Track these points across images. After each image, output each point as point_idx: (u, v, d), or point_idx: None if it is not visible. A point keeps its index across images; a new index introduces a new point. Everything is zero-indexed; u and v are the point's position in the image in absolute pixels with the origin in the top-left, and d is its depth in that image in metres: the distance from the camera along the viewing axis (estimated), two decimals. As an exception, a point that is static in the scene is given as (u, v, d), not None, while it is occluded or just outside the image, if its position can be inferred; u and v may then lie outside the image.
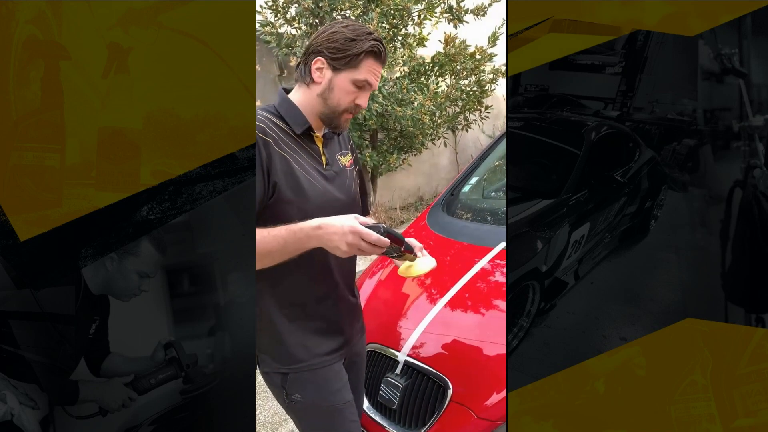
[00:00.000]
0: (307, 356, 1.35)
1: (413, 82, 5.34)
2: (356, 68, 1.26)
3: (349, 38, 1.24)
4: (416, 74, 5.44)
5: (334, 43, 1.25)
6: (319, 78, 1.28)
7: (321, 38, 1.27)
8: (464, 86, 5.66)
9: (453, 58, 5.46)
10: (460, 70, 5.58)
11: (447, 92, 5.42)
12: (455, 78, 5.62)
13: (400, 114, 5.02)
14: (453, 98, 5.51)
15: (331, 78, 1.27)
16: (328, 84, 1.28)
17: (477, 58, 5.54)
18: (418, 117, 5.07)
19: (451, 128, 6.21)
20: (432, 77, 5.57)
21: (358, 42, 1.25)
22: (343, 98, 1.28)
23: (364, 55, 1.25)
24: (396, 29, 5.18)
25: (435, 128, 5.64)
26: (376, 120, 5.12)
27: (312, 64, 1.27)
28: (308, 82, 1.29)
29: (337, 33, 1.25)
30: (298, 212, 1.24)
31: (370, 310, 2.00)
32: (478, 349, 1.64)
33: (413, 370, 1.65)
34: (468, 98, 5.69)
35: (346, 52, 1.24)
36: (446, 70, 5.54)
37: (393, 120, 5.12)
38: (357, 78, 1.27)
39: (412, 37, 5.42)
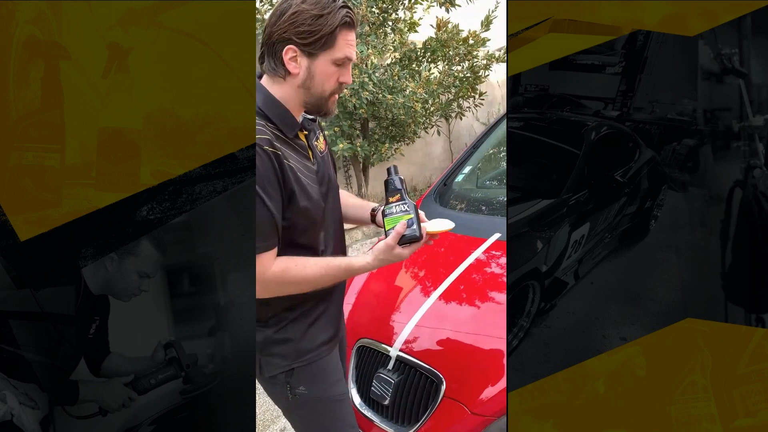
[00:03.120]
0: (311, 347, 1.35)
1: (404, 68, 5.20)
2: (333, 47, 1.15)
3: (315, 15, 1.11)
4: (408, 61, 5.30)
5: (301, 26, 1.11)
6: (295, 68, 1.16)
7: (284, 23, 1.12)
8: (457, 72, 5.52)
9: (445, 43, 5.31)
10: (453, 55, 5.43)
11: (440, 79, 5.26)
12: (448, 64, 5.47)
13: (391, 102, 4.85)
14: (446, 85, 5.36)
15: (308, 65, 1.16)
16: (307, 72, 1.17)
17: (470, 43, 5.40)
18: (410, 105, 4.93)
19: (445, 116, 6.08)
20: (424, 63, 5.41)
21: (327, 17, 1.12)
22: (326, 82, 1.19)
23: (339, 30, 1.14)
24: (386, 14, 5.05)
25: (428, 116, 5.51)
26: (367, 108, 4.95)
27: (283, 55, 1.15)
28: (283, 75, 1.18)
29: (300, 13, 1.11)
30: (305, 218, 1.23)
31: (361, 304, 1.98)
32: (472, 344, 1.63)
33: (406, 365, 1.64)
34: (461, 85, 5.54)
35: (317, 33, 1.12)
36: (438, 55, 5.39)
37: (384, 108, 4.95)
38: (336, 57, 1.16)
39: (403, 22, 5.28)
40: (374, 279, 2.08)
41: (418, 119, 5.38)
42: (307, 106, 1.24)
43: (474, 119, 6.80)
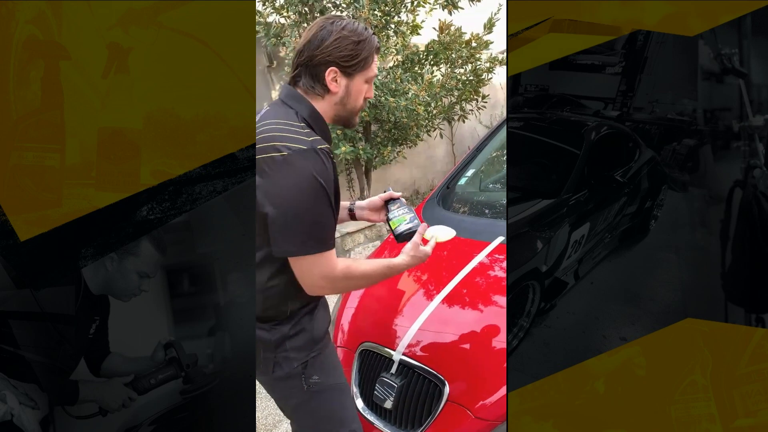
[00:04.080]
0: (320, 336, 1.41)
1: (407, 71, 5.17)
2: (367, 68, 1.33)
3: (355, 41, 1.28)
4: (410, 63, 5.26)
5: (344, 50, 1.27)
6: (335, 87, 1.31)
7: (327, 48, 1.27)
8: (460, 75, 5.46)
9: (448, 46, 5.27)
10: (456, 58, 5.38)
11: (442, 82, 5.22)
12: (450, 67, 5.42)
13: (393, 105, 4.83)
14: (448, 88, 5.31)
15: (347, 84, 1.32)
16: (345, 90, 1.32)
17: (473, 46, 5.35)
18: (412, 108, 4.89)
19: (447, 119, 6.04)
20: (426, 66, 5.37)
21: (364, 43, 1.30)
22: (359, 98, 1.35)
23: (372, 54, 1.33)
24: (388, 17, 4.99)
25: (430, 119, 5.47)
26: (369, 111, 4.94)
27: (326, 76, 1.29)
28: (321, 93, 1.31)
29: (341, 39, 1.27)
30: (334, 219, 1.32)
31: (364, 308, 1.98)
32: (475, 348, 1.63)
33: (409, 369, 1.63)
34: (464, 87, 5.50)
35: (357, 56, 1.29)
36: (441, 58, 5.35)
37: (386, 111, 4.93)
38: (369, 76, 1.34)
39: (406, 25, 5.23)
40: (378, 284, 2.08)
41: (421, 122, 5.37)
42: (338, 119, 1.38)
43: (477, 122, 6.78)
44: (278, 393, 1.44)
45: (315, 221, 1.21)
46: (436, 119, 5.61)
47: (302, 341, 1.36)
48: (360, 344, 1.78)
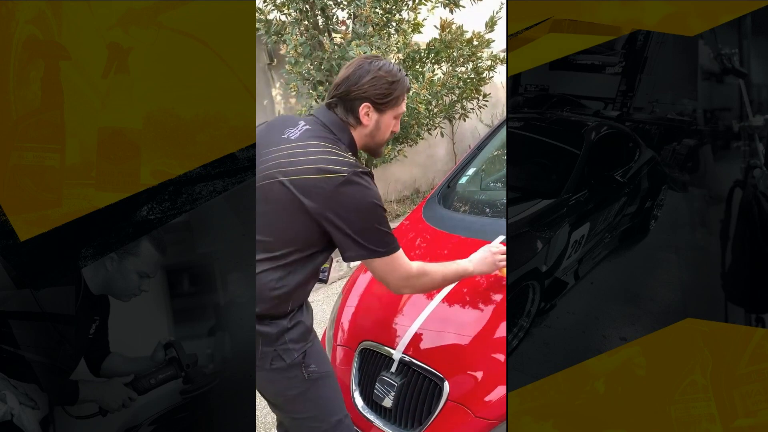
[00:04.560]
0: (311, 327, 1.50)
1: (408, 69, 5.11)
2: (398, 105, 1.47)
3: (390, 81, 1.42)
4: (411, 62, 5.21)
5: (379, 89, 1.41)
6: (367, 120, 1.44)
7: (364, 85, 1.40)
8: (461, 74, 5.43)
9: (449, 44, 5.23)
10: (457, 56, 5.35)
11: (443, 80, 5.18)
12: (452, 65, 5.39)
13: None
14: (449, 86, 5.29)
15: (377, 119, 1.45)
16: (376, 124, 1.45)
17: (474, 44, 5.32)
18: (413, 106, 4.85)
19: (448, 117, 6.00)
20: (428, 65, 5.33)
21: (398, 83, 1.43)
22: (387, 132, 1.49)
23: (404, 93, 1.47)
24: (390, 14, 4.98)
25: (431, 118, 5.44)
26: None
27: (360, 110, 1.42)
28: (354, 124, 1.45)
29: (378, 79, 1.40)
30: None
31: (364, 307, 1.97)
32: (476, 347, 1.63)
33: (409, 368, 1.63)
34: (465, 86, 5.47)
35: (390, 95, 1.43)
36: (442, 57, 5.31)
37: None
38: (398, 112, 1.48)
39: (407, 23, 5.21)
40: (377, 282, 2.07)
41: (422, 121, 5.35)
42: (366, 148, 1.52)
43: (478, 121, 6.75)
44: (276, 386, 1.45)
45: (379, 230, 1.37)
46: (437, 118, 5.58)
47: (299, 332, 1.43)
48: (360, 343, 1.78)
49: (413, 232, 2.29)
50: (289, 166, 1.33)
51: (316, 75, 4.81)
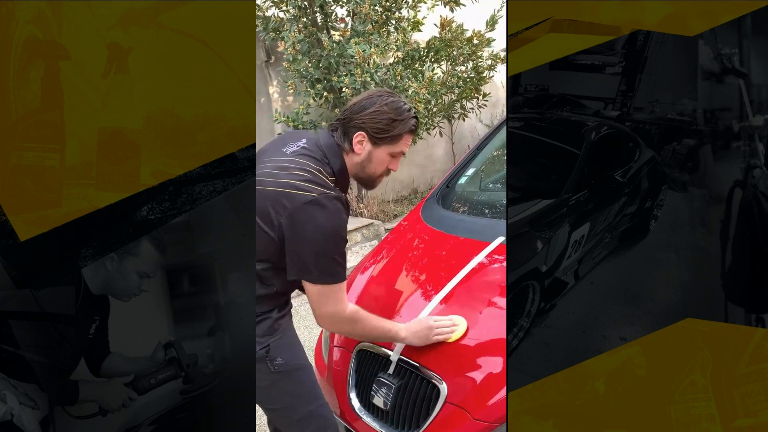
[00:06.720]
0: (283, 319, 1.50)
1: (407, 68, 5.09)
2: (396, 144, 1.43)
3: (392, 119, 1.40)
4: (411, 60, 5.20)
5: (379, 123, 1.39)
6: (359, 150, 1.43)
7: (365, 116, 1.40)
8: (461, 73, 5.42)
9: (449, 43, 5.23)
10: (457, 55, 5.35)
11: (443, 79, 5.18)
12: (452, 64, 5.38)
13: None
14: (449, 85, 5.28)
15: (370, 151, 1.43)
16: (368, 156, 1.44)
17: (474, 43, 5.32)
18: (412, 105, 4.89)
19: (447, 117, 5.98)
20: (427, 63, 5.28)
21: (401, 122, 1.41)
22: (379, 167, 1.47)
23: (405, 134, 1.43)
24: (389, 12, 4.96)
25: (430, 117, 5.39)
26: None
27: (354, 137, 1.42)
28: (348, 150, 1.44)
29: (380, 113, 1.39)
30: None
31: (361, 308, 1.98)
32: (474, 348, 1.62)
33: (407, 369, 1.61)
34: (465, 85, 5.46)
35: (389, 132, 1.40)
36: (442, 55, 5.30)
37: None
38: (395, 151, 1.45)
39: (407, 21, 5.18)
40: (375, 283, 2.07)
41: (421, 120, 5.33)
42: (357, 178, 1.50)
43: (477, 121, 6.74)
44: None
45: (332, 258, 1.35)
46: (436, 117, 5.56)
47: (264, 327, 1.44)
48: (357, 344, 1.77)
49: (411, 232, 2.29)
50: (272, 177, 1.37)
51: (314, 73, 4.78)
